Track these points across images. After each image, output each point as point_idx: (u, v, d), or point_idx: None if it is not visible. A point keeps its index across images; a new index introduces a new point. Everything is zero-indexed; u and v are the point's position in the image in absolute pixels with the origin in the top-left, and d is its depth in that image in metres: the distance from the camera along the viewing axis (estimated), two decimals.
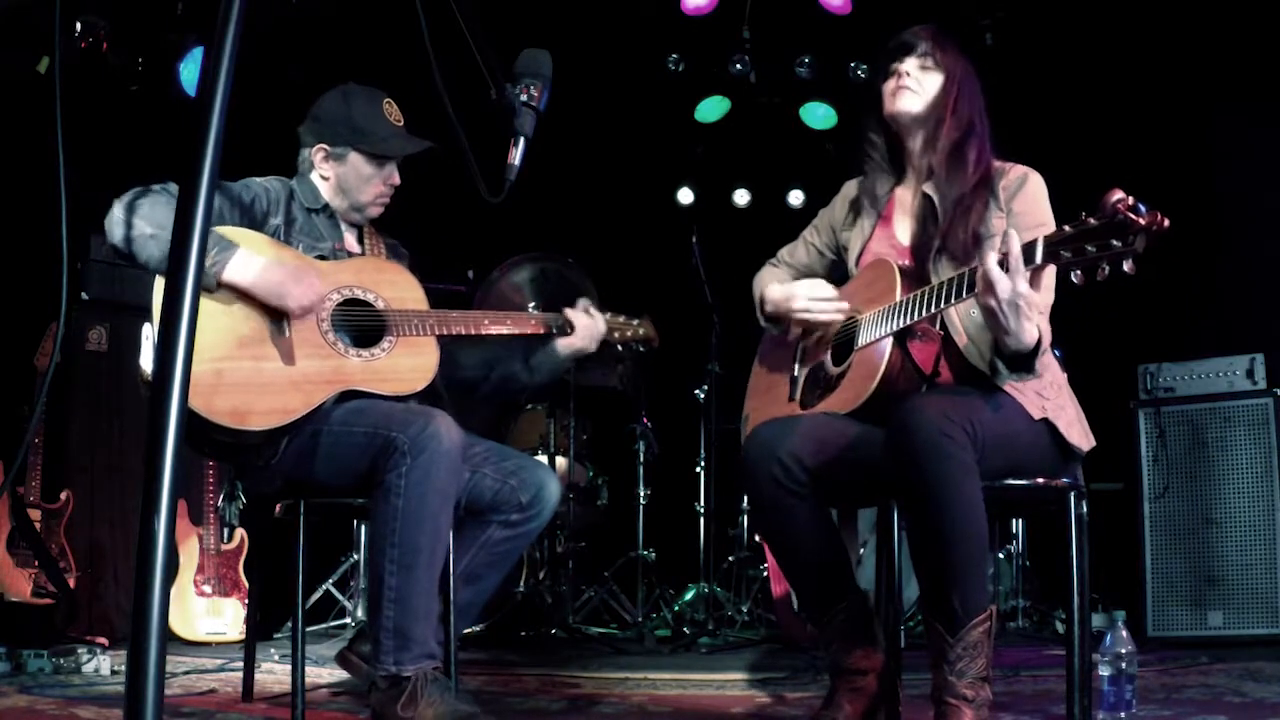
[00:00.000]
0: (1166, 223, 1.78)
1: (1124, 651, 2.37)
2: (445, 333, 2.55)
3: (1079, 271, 1.85)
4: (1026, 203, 2.24)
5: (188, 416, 1.07)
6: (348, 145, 2.62)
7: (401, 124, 2.66)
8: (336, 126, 2.62)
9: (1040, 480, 2.18)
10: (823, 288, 2.43)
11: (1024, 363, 2.05)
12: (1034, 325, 1.99)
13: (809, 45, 5.98)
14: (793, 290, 2.45)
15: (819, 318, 2.40)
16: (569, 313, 2.71)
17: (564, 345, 2.71)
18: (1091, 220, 1.83)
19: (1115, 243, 1.79)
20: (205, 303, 2.29)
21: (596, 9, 5.51)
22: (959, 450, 1.97)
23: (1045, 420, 2.16)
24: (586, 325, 2.72)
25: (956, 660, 2.00)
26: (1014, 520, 4.71)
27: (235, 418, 2.27)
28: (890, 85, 2.34)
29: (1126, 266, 1.80)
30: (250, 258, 2.35)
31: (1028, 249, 1.92)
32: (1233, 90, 4.80)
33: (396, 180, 2.69)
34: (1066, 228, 1.87)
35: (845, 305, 2.38)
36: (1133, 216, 1.77)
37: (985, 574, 2.04)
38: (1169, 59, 4.90)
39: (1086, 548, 2.18)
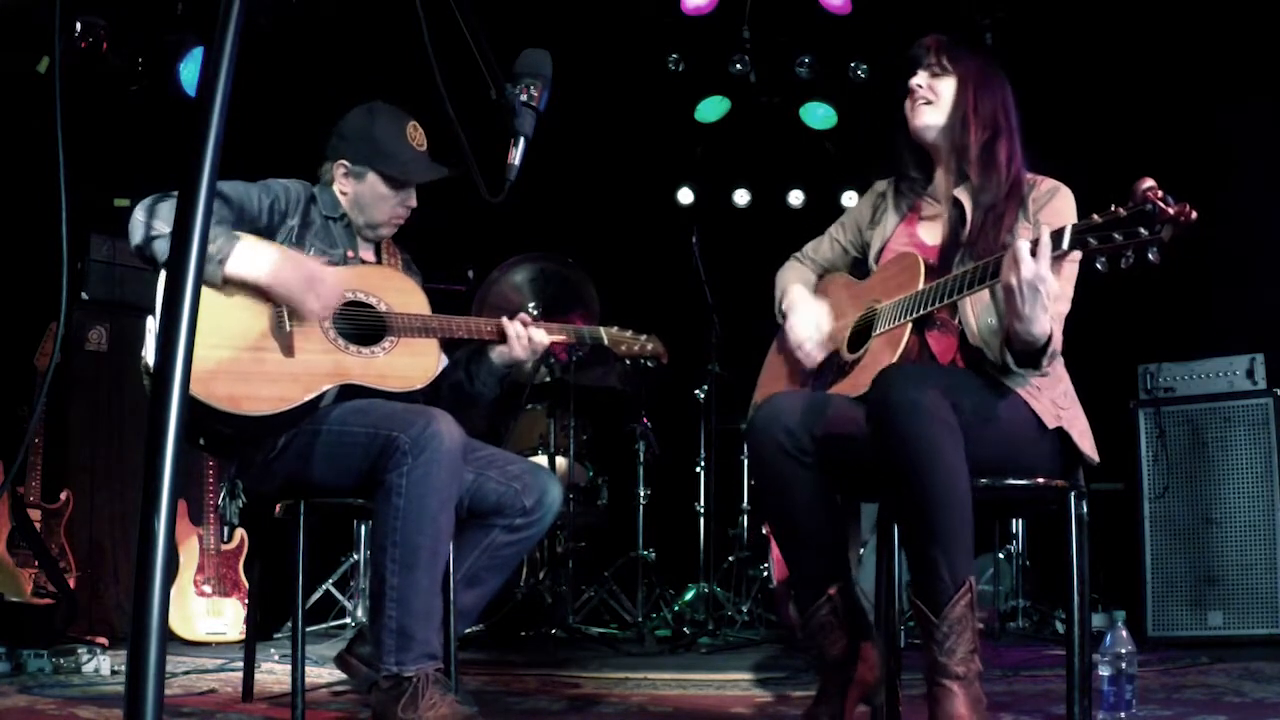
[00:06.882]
0: (1195, 215, 1.79)
1: (1124, 651, 2.38)
2: (446, 336, 2.55)
3: (1104, 259, 1.86)
4: (1052, 215, 2.25)
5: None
6: (367, 165, 2.62)
7: (424, 148, 2.66)
8: (358, 144, 2.62)
9: (1040, 480, 2.18)
10: (821, 324, 2.46)
11: (1032, 359, 2.06)
12: (1049, 318, 2.00)
13: (809, 45, 5.98)
14: (797, 320, 2.48)
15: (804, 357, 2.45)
16: (503, 322, 2.62)
17: (497, 354, 2.65)
18: (1121, 211, 1.85)
19: (1142, 230, 1.81)
20: (209, 293, 2.29)
21: (596, 9, 5.51)
22: (938, 410, 1.96)
23: (1059, 429, 2.16)
24: (519, 334, 2.62)
25: (944, 639, 1.99)
26: (1014, 520, 4.71)
27: (232, 402, 2.27)
28: (908, 103, 2.37)
29: (1152, 256, 1.81)
30: (259, 251, 2.35)
31: (1056, 235, 1.94)
32: (1233, 90, 4.80)
33: (413, 203, 2.68)
34: (1095, 216, 1.89)
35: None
36: (1162, 205, 1.80)
37: (970, 543, 2.02)
38: (1169, 59, 4.90)
39: (1086, 548, 2.18)
